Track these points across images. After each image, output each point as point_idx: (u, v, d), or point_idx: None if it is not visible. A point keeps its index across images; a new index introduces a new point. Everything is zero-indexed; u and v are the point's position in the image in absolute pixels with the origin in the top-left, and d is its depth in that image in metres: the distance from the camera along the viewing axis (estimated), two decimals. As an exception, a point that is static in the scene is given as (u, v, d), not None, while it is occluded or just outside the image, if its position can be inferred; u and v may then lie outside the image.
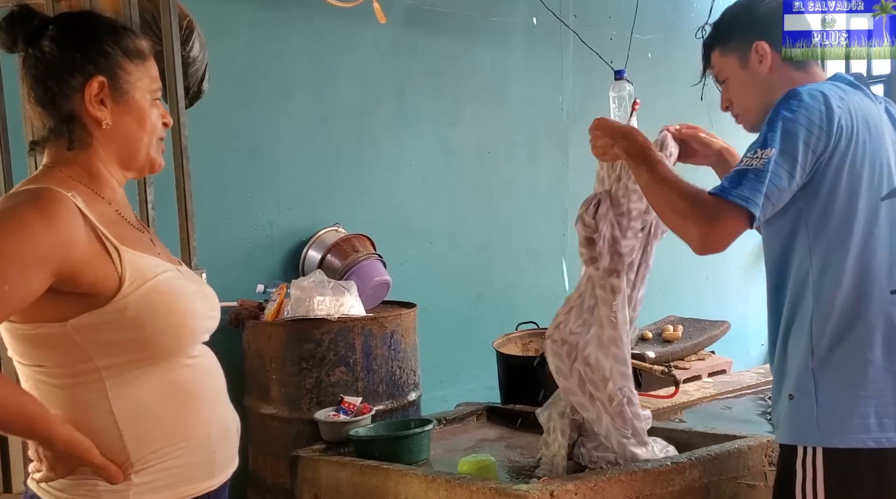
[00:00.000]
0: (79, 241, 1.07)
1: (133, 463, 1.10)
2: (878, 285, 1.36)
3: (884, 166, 1.38)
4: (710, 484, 1.69)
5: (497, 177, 3.67)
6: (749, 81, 1.52)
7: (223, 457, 1.21)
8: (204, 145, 2.36)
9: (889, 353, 1.34)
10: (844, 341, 1.35)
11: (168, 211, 1.99)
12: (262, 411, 2.50)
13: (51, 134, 1.16)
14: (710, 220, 1.34)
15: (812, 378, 1.36)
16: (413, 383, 2.59)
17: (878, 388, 1.33)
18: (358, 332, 2.43)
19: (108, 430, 1.09)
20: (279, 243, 3.00)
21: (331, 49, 3.12)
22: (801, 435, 1.36)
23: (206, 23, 2.30)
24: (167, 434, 1.13)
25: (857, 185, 1.36)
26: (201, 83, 2.26)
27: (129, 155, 1.21)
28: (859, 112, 1.38)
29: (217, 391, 1.24)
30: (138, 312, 1.10)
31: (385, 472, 1.82)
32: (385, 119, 3.31)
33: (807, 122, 1.33)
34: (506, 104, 3.70)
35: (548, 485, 1.55)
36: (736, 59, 1.53)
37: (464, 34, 3.54)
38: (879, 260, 1.36)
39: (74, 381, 1.10)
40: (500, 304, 3.58)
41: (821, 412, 1.34)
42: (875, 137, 1.38)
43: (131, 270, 1.10)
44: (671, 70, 4.25)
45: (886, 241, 1.37)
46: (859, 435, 1.31)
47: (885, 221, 1.38)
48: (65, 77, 1.14)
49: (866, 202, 1.36)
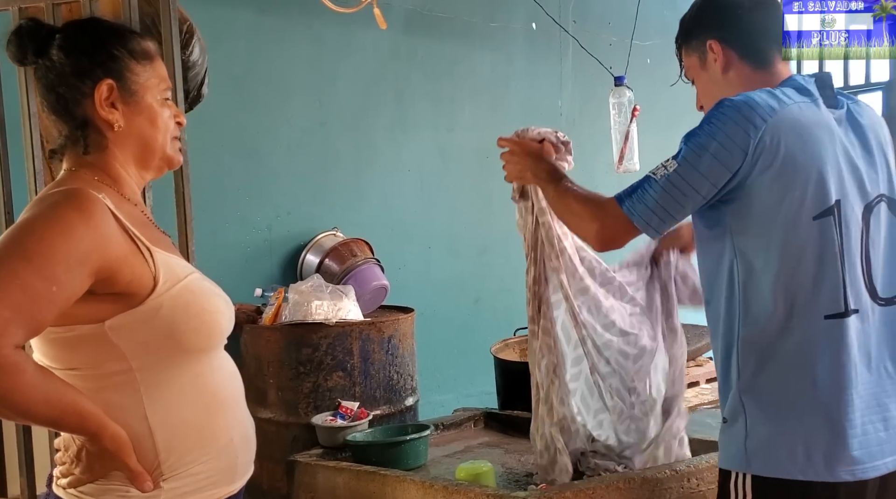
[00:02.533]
0: (115, 239, 1.08)
1: (164, 470, 1.11)
2: (808, 310, 1.27)
3: (820, 182, 1.27)
4: (708, 492, 1.69)
5: (495, 182, 3.64)
6: (709, 81, 1.46)
7: (244, 462, 1.23)
8: (203, 149, 2.37)
9: (819, 383, 1.26)
10: (770, 368, 1.28)
11: (167, 215, 1.99)
12: (259, 415, 2.49)
13: (67, 141, 1.18)
14: (602, 219, 1.40)
15: (741, 403, 1.30)
16: (410, 387, 2.59)
17: (807, 420, 1.26)
18: (356, 336, 2.43)
19: (142, 435, 1.10)
20: (277, 247, 3.00)
21: (330, 54, 3.13)
22: (733, 460, 1.31)
23: (205, 27, 2.31)
24: (196, 440, 1.14)
25: (781, 203, 1.27)
26: (201, 87, 2.27)
27: (144, 155, 1.22)
28: (792, 125, 1.28)
29: (238, 395, 1.25)
30: (173, 311, 1.11)
31: (382, 478, 1.81)
32: (384, 124, 3.32)
33: (722, 137, 1.27)
34: (505, 109, 3.71)
35: (546, 492, 1.55)
36: (696, 59, 1.48)
37: (463, 39, 3.55)
38: (809, 283, 1.27)
39: (109, 383, 1.10)
40: (497, 309, 3.58)
41: (748, 440, 1.29)
42: (809, 151, 1.28)
43: (165, 269, 1.12)
44: (670, 76, 4.24)
45: (816, 263, 1.27)
46: (785, 466, 1.25)
47: (816, 241, 1.27)
48: (75, 83, 1.16)
49: (794, 221, 1.27)
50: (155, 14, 1.95)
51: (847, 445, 1.25)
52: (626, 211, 1.35)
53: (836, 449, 1.25)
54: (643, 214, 1.33)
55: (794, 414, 1.27)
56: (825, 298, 1.27)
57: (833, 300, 1.27)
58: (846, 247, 1.28)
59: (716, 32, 1.43)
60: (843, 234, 1.28)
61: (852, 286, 1.28)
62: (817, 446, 1.25)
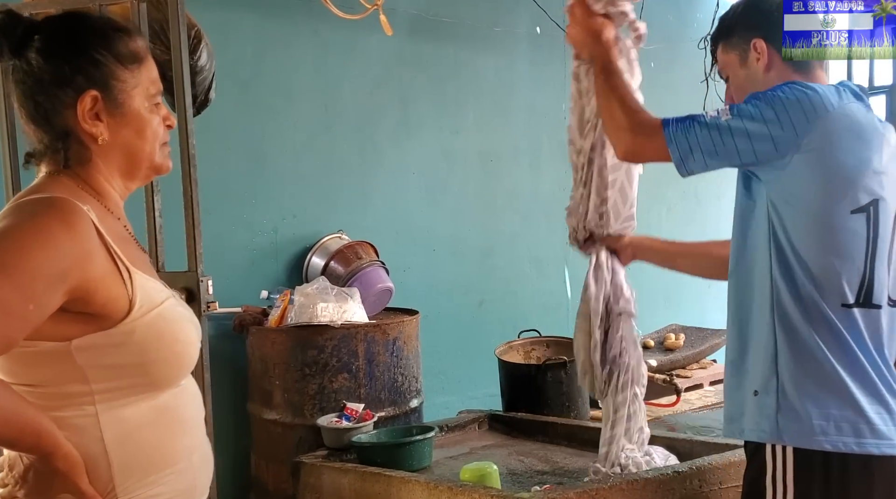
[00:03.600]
0: (96, 257, 1.01)
1: (118, 493, 1.04)
2: (829, 296, 1.34)
3: (862, 180, 1.34)
4: (711, 493, 1.70)
5: (499, 184, 3.69)
6: (747, 79, 1.50)
7: (203, 484, 1.16)
8: (209, 153, 2.39)
9: (837, 365, 1.33)
10: (798, 346, 1.35)
11: (174, 218, 2.01)
12: (265, 416, 2.51)
13: (46, 150, 1.09)
14: (639, 134, 1.44)
15: (775, 376, 1.36)
16: (415, 389, 2.60)
17: (833, 397, 1.33)
18: (361, 338, 2.45)
19: (97, 456, 1.03)
20: (283, 250, 3.02)
21: (335, 58, 3.15)
22: (764, 433, 1.36)
23: (212, 32, 2.33)
24: (155, 462, 1.08)
25: (820, 191, 1.33)
26: (208, 92, 2.28)
27: (130, 166, 1.14)
28: (848, 122, 1.35)
29: (199, 416, 1.18)
30: (146, 338, 1.05)
31: (387, 478, 1.83)
32: (388, 127, 3.33)
33: (783, 112, 1.32)
34: (509, 112, 3.73)
35: (549, 493, 1.56)
36: (736, 56, 1.52)
37: (468, 44, 3.57)
38: (833, 271, 1.34)
39: (65, 403, 1.03)
40: (502, 311, 3.59)
41: (780, 413, 1.34)
42: (858, 149, 1.34)
43: (141, 294, 1.05)
44: (673, 80, 4.27)
45: (841, 255, 1.34)
46: (818, 439, 1.32)
47: (847, 234, 1.34)
48: (55, 92, 1.06)
49: (830, 212, 1.33)
50: (164, 20, 1.97)
51: (870, 420, 1.31)
52: (668, 137, 1.38)
53: (861, 426, 1.31)
54: (682, 146, 1.37)
55: (821, 391, 1.33)
56: (844, 288, 1.34)
57: (851, 292, 1.34)
58: (878, 245, 1.35)
59: (762, 32, 1.48)
60: (876, 232, 1.35)
61: (878, 283, 1.36)
62: (845, 420, 1.31)
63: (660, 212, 4.28)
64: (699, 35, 4.13)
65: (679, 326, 3.49)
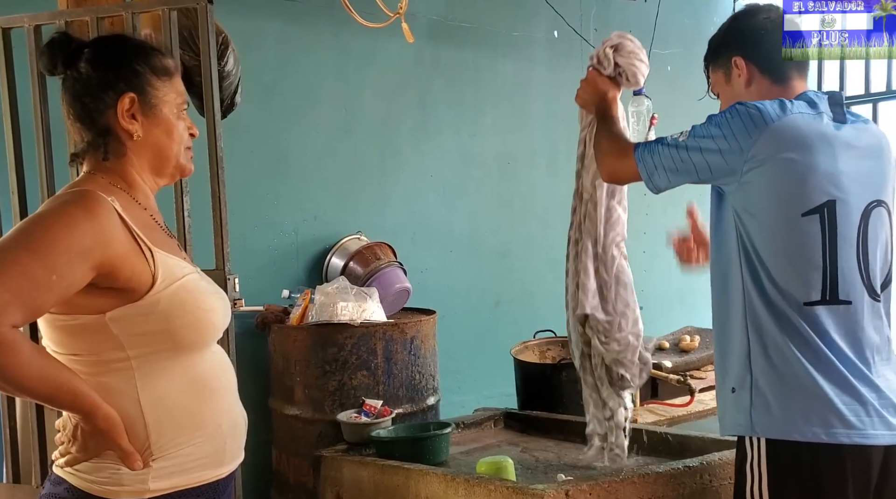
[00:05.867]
0: (117, 238, 1.16)
1: (153, 451, 1.18)
2: (791, 296, 1.43)
3: (810, 183, 1.43)
4: (721, 488, 1.74)
5: (516, 187, 3.73)
6: (733, 95, 1.61)
7: (232, 448, 1.30)
8: (233, 155, 2.45)
9: (804, 362, 1.41)
10: (768, 344, 1.44)
11: (200, 218, 2.08)
12: (286, 411, 2.57)
13: (89, 146, 1.27)
14: (617, 157, 1.66)
15: (749, 373, 1.45)
16: (432, 387, 2.65)
17: (801, 392, 1.41)
18: (379, 337, 2.50)
19: (134, 417, 1.18)
20: (304, 250, 3.08)
21: (356, 62, 3.21)
22: (740, 426, 1.46)
23: (236, 37, 2.39)
24: (185, 424, 1.22)
25: (774, 197, 1.43)
26: (234, 96, 2.35)
27: (159, 163, 1.31)
28: (792, 131, 1.43)
29: (229, 386, 1.33)
30: (170, 307, 1.19)
31: (406, 471, 1.88)
32: (407, 130, 3.39)
33: (727, 130, 1.45)
34: (526, 115, 3.77)
35: (563, 485, 1.61)
36: (722, 75, 1.65)
37: (486, 48, 3.61)
38: (793, 272, 1.43)
39: (106, 368, 1.18)
40: (518, 312, 3.63)
41: (753, 408, 1.44)
42: (804, 155, 1.43)
43: (163, 269, 1.20)
44: (690, 84, 4.28)
45: (799, 255, 1.43)
46: (785, 429, 1.40)
47: (801, 235, 1.43)
48: (99, 94, 1.25)
49: (784, 216, 1.43)
50: (192, 27, 2.04)
51: (840, 412, 1.39)
52: (637, 157, 1.58)
53: (830, 418, 1.38)
54: (648, 165, 1.56)
55: (790, 386, 1.42)
56: (805, 288, 1.43)
57: (812, 290, 1.43)
58: (837, 243, 1.43)
59: (740, 50, 1.61)
60: (833, 232, 1.44)
61: (843, 280, 1.44)
62: (813, 412, 1.39)
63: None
64: (716, 39, 4.16)
65: (694, 329, 3.50)
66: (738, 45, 1.61)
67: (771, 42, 1.58)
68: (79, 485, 1.19)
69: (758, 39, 1.59)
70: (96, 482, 1.18)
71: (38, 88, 2.05)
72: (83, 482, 1.19)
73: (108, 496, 1.17)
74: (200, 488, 1.24)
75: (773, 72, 1.57)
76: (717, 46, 1.67)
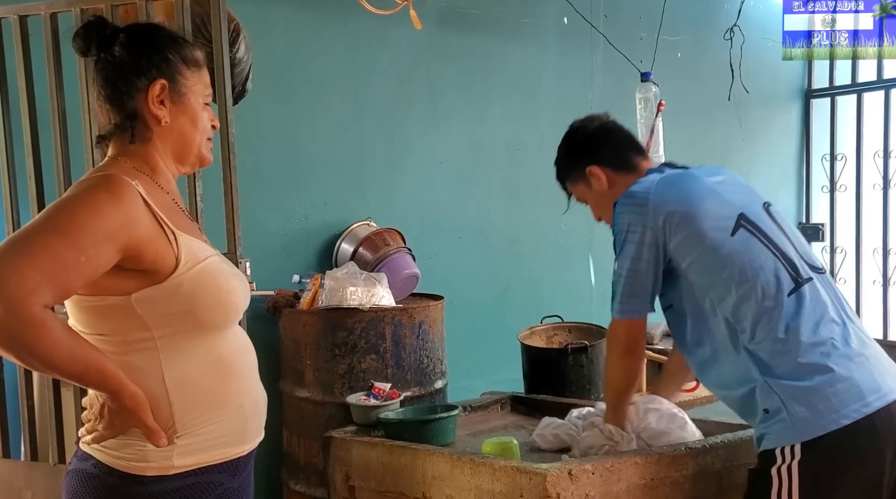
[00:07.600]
0: (142, 221, 1.19)
1: (178, 428, 1.22)
2: (777, 296, 1.54)
3: (712, 210, 1.60)
4: (723, 469, 1.76)
5: (526, 174, 3.75)
6: (600, 198, 1.83)
7: (253, 426, 1.34)
8: (243, 141, 2.48)
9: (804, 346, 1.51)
10: (778, 353, 1.53)
11: (212, 204, 2.12)
12: (296, 394, 2.61)
13: (116, 129, 1.30)
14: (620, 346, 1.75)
15: (773, 391, 1.52)
16: (440, 371, 2.69)
17: (814, 381, 1.48)
18: (388, 322, 2.53)
19: (159, 396, 1.22)
20: (314, 236, 3.12)
21: (366, 49, 3.23)
22: (780, 439, 1.51)
23: (247, 24, 2.42)
24: (209, 402, 1.26)
25: (703, 240, 1.59)
26: (246, 82, 2.38)
27: (183, 150, 1.34)
28: (666, 184, 1.65)
29: (250, 367, 1.37)
30: (192, 289, 1.22)
31: (413, 452, 1.91)
32: (417, 117, 3.41)
33: (630, 226, 1.64)
34: (535, 102, 3.77)
35: (566, 465, 1.64)
36: (583, 185, 1.86)
37: (495, 35, 3.62)
38: (763, 278, 1.55)
39: (132, 348, 1.21)
40: (526, 298, 3.66)
41: (792, 417, 1.49)
42: (688, 196, 1.62)
43: (186, 251, 1.23)
44: (700, 70, 4.27)
45: (753, 262, 1.57)
46: (816, 425, 1.45)
47: (743, 247, 1.58)
48: (132, 79, 1.28)
49: (721, 244, 1.58)
50: (205, 14, 2.07)
51: (857, 383, 1.46)
52: (617, 316, 1.70)
53: (844, 394, 1.45)
54: (626, 308, 1.68)
55: (804, 382, 1.48)
56: (781, 281, 1.55)
57: (787, 279, 1.56)
58: (771, 237, 1.60)
59: (592, 159, 1.83)
60: (761, 230, 1.60)
61: (798, 262, 1.59)
62: (829, 396, 1.45)
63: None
64: (726, 25, 4.14)
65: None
66: (588, 155, 1.83)
67: (613, 142, 1.83)
68: (105, 461, 1.22)
69: (603, 144, 1.83)
70: (122, 458, 1.22)
71: (55, 75, 2.09)
72: (110, 458, 1.22)
73: (133, 472, 1.21)
74: (223, 464, 1.28)
75: (624, 165, 1.81)
76: (566, 165, 1.89)
